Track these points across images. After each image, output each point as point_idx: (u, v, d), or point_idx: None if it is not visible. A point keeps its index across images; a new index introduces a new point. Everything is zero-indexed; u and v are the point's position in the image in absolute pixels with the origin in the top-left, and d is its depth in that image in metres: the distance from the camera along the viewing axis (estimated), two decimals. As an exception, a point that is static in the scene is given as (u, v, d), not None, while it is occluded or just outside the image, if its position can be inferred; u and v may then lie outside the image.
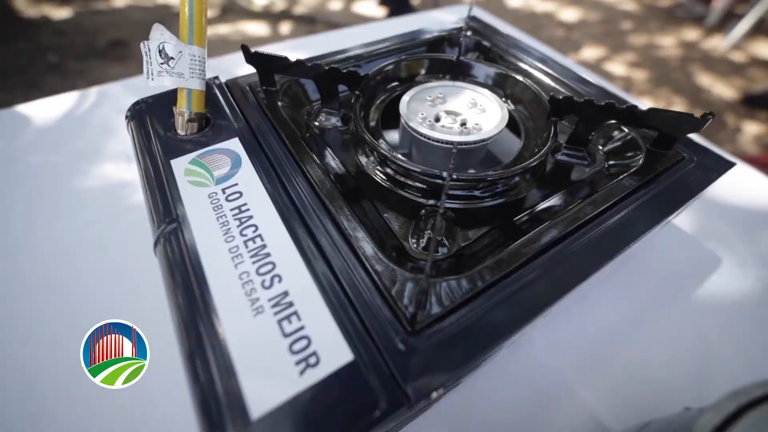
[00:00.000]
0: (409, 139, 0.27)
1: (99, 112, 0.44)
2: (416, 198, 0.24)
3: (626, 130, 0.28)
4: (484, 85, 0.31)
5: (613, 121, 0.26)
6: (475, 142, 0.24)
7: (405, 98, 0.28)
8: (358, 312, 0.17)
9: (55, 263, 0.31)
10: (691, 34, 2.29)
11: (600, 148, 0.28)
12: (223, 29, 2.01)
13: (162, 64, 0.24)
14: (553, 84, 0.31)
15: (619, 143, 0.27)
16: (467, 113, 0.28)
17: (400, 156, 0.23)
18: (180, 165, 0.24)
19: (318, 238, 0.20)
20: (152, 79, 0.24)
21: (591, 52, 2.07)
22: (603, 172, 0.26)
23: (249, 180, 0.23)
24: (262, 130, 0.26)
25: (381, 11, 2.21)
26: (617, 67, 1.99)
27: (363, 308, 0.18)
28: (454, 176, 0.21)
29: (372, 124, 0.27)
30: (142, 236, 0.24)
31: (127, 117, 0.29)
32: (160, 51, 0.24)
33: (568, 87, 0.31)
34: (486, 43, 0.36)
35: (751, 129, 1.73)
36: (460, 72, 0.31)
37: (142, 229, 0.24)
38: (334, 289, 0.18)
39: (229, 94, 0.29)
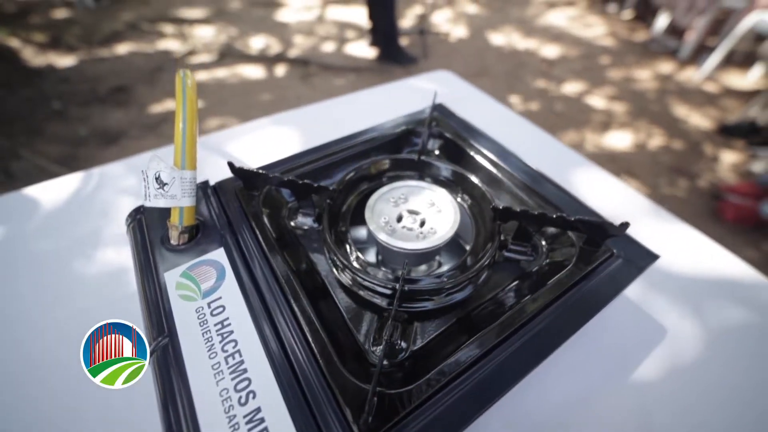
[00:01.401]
0: (374, 240, 0.31)
1: (100, 195, 0.48)
2: (377, 302, 0.28)
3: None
4: (443, 182, 0.36)
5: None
6: (427, 249, 0.28)
7: (371, 201, 0.32)
8: (319, 426, 0.21)
9: (58, 348, 0.34)
10: (666, 67, 2.41)
11: (543, 243, 0.32)
12: (220, 73, 2.10)
13: (158, 189, 0.28)
14: (504, 178, 0.36)
15: (557, 240, 0.31)
16: (426, 212, 0.32)
17: (357, 265, 0.27)
18: (172, 278, 0.27)
19: (287, 350, 0.24)
20: (149, 201, 0.28)
21: (572, 87, 2.18)
22: (543, 268, 0.30)
23: (231, 293, 0.26)
24: (244, 237, 0.30)
25: (372, 52, 2.32)
26: (597, 100, 2.08)
27: (323, 421, 0.21)
28: (406, 288, 0.25)
29: (342, 229, 0.31)
30: (139, 325, 0.27)
31: (127, 223, 0.32)
32: (156, 178, 0.28)
33: (517, 182, 0.36)
34: (448, 134, 0.40)
35: (728, 158, 1.80)
36: (421, 169, 0.36)
37: (139, 319, 0.27)
38: (300, 404, 0.21)
39: (218, 199, 0.33)
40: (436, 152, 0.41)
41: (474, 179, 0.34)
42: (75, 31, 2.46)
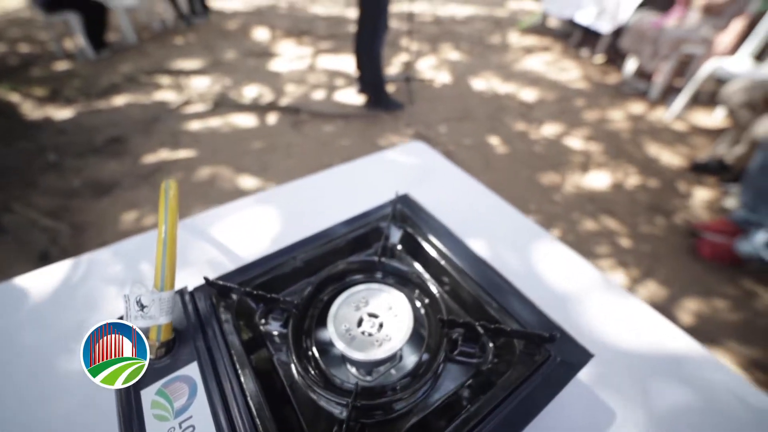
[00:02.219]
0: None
1: (87, 284, 0.50)
2: (335, 412, 0.31)
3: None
4: (402, 282, 0.39)
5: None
6: (380, 359, 0.31)
7: (333, 308, 0.36)
8: None
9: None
10: (637, 107, 2.55)
11: (491, 344, 0.35)
12: (214, 122, 2.19)
13: (138, 311, 0.31)
14: (460, 280, 0.39)
15: (502, 344, 0.34)
16: (384, 315, 0.36)
17: (314, 377, 0.30)
18: (148, 396, 0.30)
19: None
20: (130, 322, 0.31)
21: (551, 129, 2.29)
22: (491, 369, 0.33)
23: (202, 413, 0.29)
24: (217, 349, 0.33)
25: (360, 98, 2.44)
26: (575, 141, 2.19)
27: None
28: (358, 403, 0.28)
29: (307, 337, 0.34)
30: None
31: (109, 332, 0.35)
32: (137, 301, 0.31)
33: (472, 283, 0.39)
34: (409, 230, 0.44)
35: (701, 195, 1.89)
36: (382, 270, 0.39)
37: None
38: None
39: (194, 306, 0.36)
40: (399, 247, 0.45)
41: (429, 283, 0.37)
42: (75, 83, 2.56)
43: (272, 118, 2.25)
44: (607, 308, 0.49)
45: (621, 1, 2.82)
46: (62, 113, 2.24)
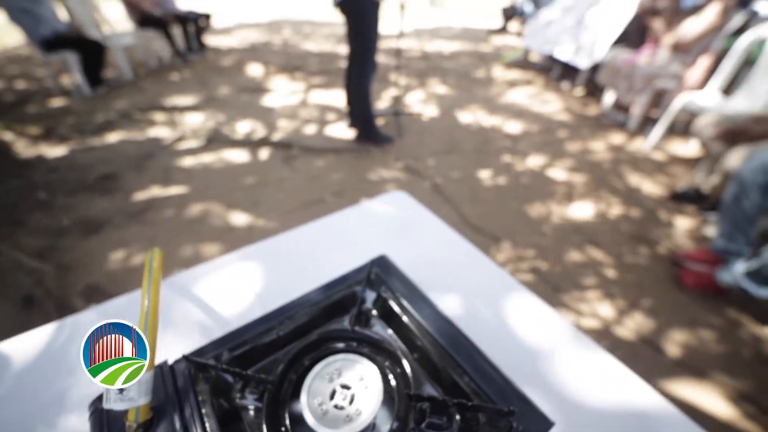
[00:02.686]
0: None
1: (71, 349, 0.51)
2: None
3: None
4: (374, 350, 0.41)
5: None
6: (353, 435, 0.33)
7: (307, 381, 0.37)
8: None
9: None
10: (617, 138, 2.66)
11: (457, 416, 0.36)
12: (207, 158, 2.23)
13: (117, 393, 0.32)
14: (432, 349, 0.41)
15: (468, 416, 0.36)
16: (356, 387, 0.37)
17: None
18: (121, 485, 0.30)
19: None
20: (109, 404, 0.32)
21: (535, 160, 2.37)
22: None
23: (173, 499, 0.30)
24: (194, 424, 0.34)
25: (350, 132, 2.51)
26: (559, 172, 2.26)
27: None
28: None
29: (281, 412, 0.36)
30: None
31: (89, 410, 0.36)
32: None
33: (443, 353, 0.41)
34: (383, 294, 0.46)
35: (682, 223, 1.94)
36: (355, 340, 0.41)
37: None
38: None
39: (173, 380, 0.38)
40: (374, 312, 0.46)
41: (399, 352, 0.39)
42: (69, 120, 2.61)
43: (264, 153, 2.30)
44: (576, 363, 0.51)
45: (596, 39, 3.00)
46: (55, 151, 2.27)
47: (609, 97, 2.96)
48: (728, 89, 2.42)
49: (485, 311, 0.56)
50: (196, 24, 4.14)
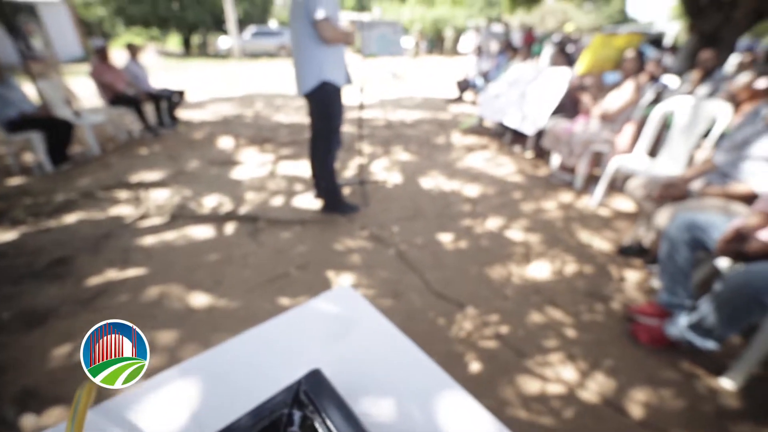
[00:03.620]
0: None
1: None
2: None
3: None
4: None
5: None
6: None
7: None
8: None
9: None
10: (566, 196, 2.88)
11: None
12: (169, 236, 2.20)
13: None
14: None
15: None
16: None
17: None
18: None
19: None
20: None
21: (493, 222, 2.50)
22: None
23: None
24: None
25: (317, 203, 2.59)
26: (516, 233, 2.39)
27: None
28: None
29: None
30: None
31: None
32: None
33: None
34: (311, 416, 0.48)
35: (632, 277, 2.06)
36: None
37: None
38: None
39: None
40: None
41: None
42: (25, 201, 2.55)
43: (230, 228, 2.31)
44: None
45: (537, 109, 3.38)
46: (5, 236, 2.18)
47: (555, 159, 3.25)
48: (653, 151, 2.74)
49: (421, 416, 0.58)
50: (169, 100, 4.31)
